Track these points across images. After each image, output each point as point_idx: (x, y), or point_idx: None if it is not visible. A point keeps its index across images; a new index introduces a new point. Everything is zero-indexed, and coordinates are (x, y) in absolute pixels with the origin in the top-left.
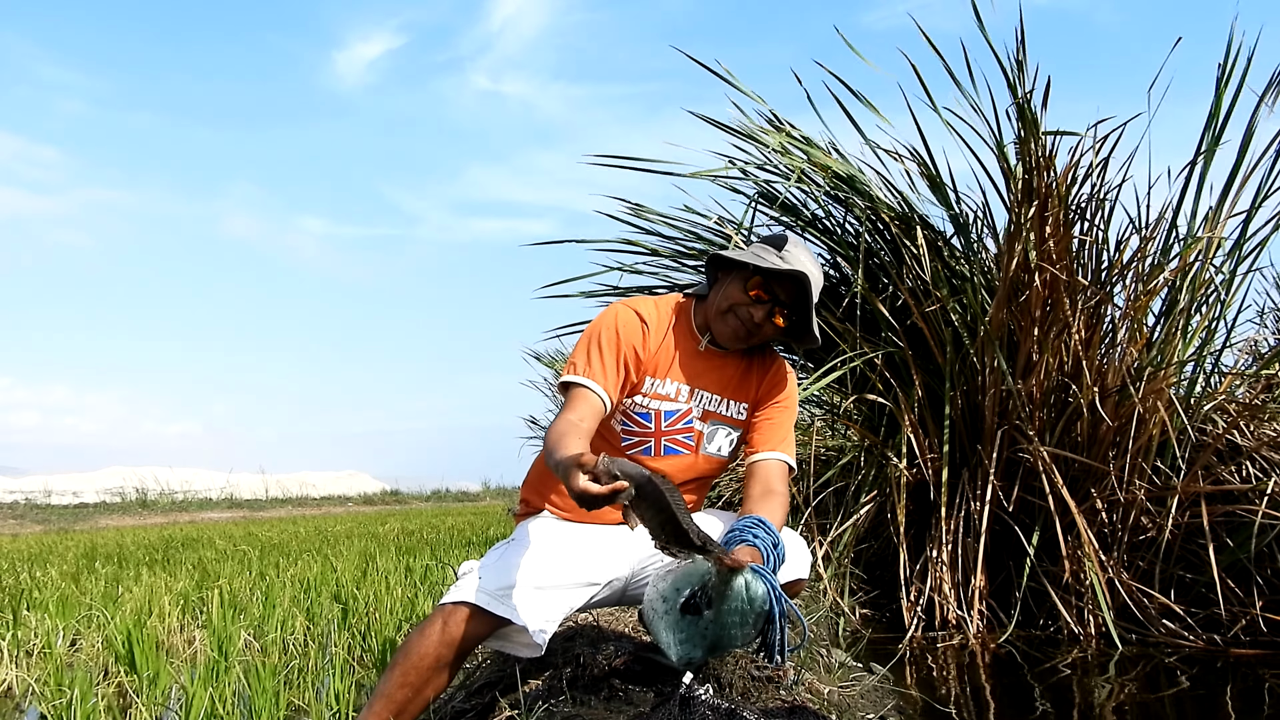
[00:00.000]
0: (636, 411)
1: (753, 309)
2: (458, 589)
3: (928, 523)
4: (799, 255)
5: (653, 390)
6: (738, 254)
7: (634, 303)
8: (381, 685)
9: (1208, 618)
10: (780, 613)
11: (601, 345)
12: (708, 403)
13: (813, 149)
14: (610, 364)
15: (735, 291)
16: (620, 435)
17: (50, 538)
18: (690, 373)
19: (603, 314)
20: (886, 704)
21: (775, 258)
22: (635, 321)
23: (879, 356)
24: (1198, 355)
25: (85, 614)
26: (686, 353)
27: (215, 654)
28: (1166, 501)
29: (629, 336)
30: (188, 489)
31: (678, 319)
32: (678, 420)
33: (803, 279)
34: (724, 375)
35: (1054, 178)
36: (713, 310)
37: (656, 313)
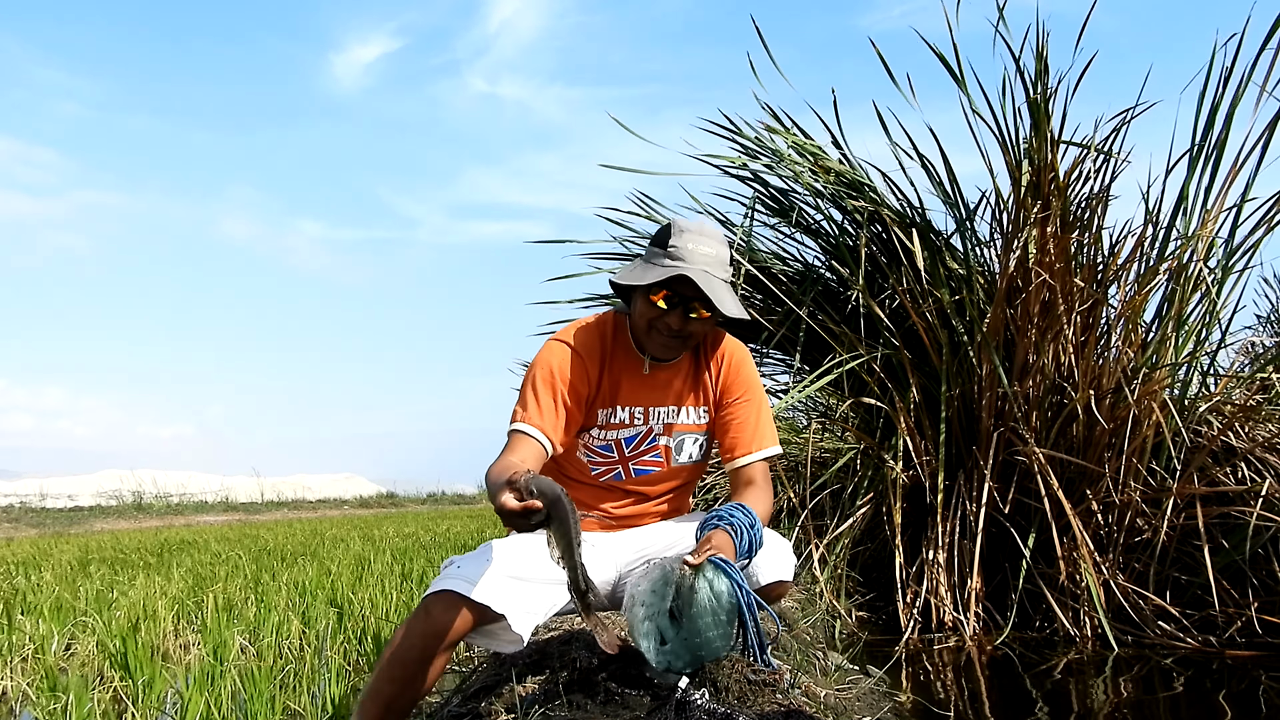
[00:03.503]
0: (597, 445)
1: (667, 319)
2: (440, 580)
3: (924, 525)
4: (685, 246)
5: (607, 421)
6: (626, 277)
7: (568, 335)
8: (370, 683)
9: (1203, 619)
10: (748, 604)
11: (537, 388)
12: (666, 416)
13: (814, 150)
14: (548, 405)
15: (644, 308)
16: (588, 467)
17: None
18: (640, 395)
19: (539, 353)
20: (883, 706)
21: (662, 262)
22: (571, 358)
23: (876, 359)
24: (1192, 357)
25: (80, 618)
26: (632, 376)
27: (210, 658)
28: (1162, 503)
29: (566, 375)
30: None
31: (615, 342)
32: (640, 442)
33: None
34: (675, 385)
35: (1059, 179)
36: (636, 329)
37: (592, 342)
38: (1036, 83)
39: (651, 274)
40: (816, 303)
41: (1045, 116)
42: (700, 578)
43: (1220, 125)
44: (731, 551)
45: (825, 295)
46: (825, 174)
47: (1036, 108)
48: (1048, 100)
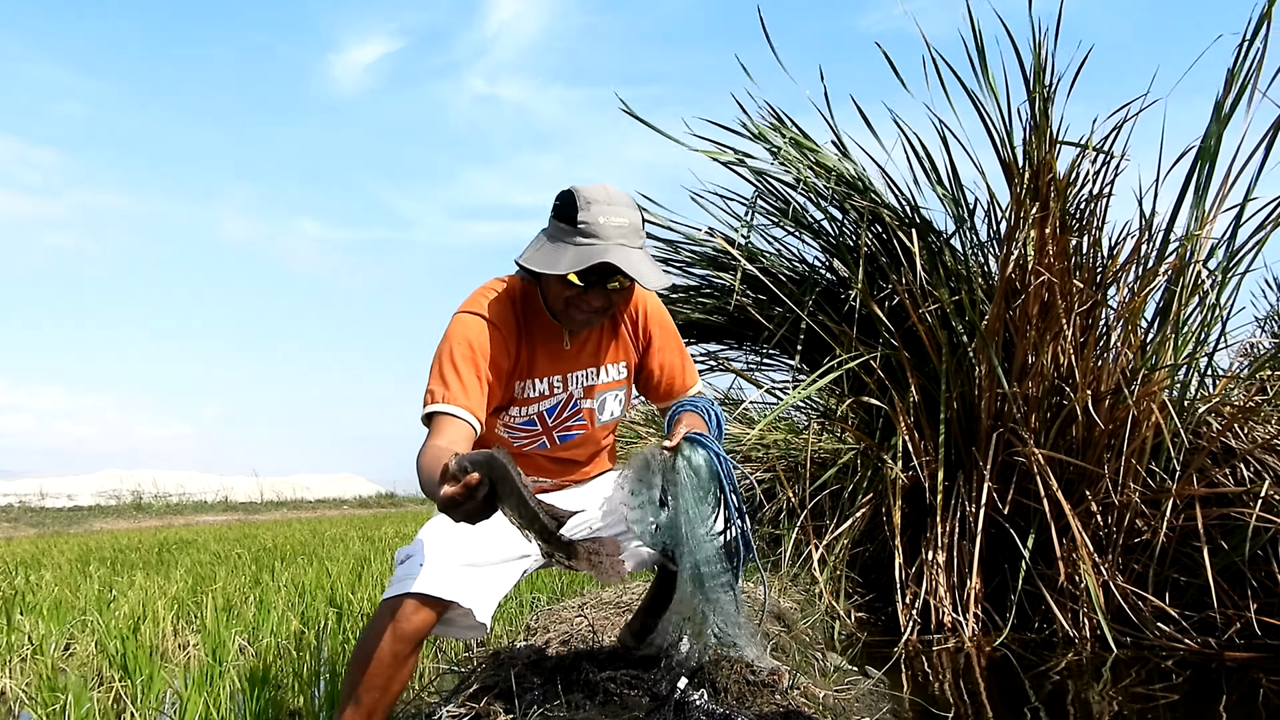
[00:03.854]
0: (519, 422)
1: (587, 297)
2: (399, 581)
3: (923, 526)
4: (596, 219)
5: (525, 396)
6: (537, 263)
7: (481, 308)
8: (347, 694)
9: (1202, 620)
10: (726, 471)
11: (457, 364)
12: (585, 379)
13: (814, 149)
14: (471, 382)
15: (560, 289)
16: (510, 441)
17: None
18: (558, 364)
19: (452, 328)
20: (882, 707)
21: (574, 240)
22: (488, 332)
23: (876, 359)
24: (1191, 358)
25: (79, 618)
26: (549, 348)
27: (210, 658)
28: (1161, 504)
29: (486, 349)
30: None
31: (528, 313)
32: (562, 410)
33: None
34: (592, 347)
35: (1057, 179)
36: (552, 307)
37: (506, 314)
38: (1035, 83)
39: (566, 258)
40: (816, 303)
41: (1045, 116)
42: (679, 457)
43: (1219, 126)
44: (704, 427)
45: (825, 295)
46: (825, 173)
47: (1035, 107)
48: (1047, 100)
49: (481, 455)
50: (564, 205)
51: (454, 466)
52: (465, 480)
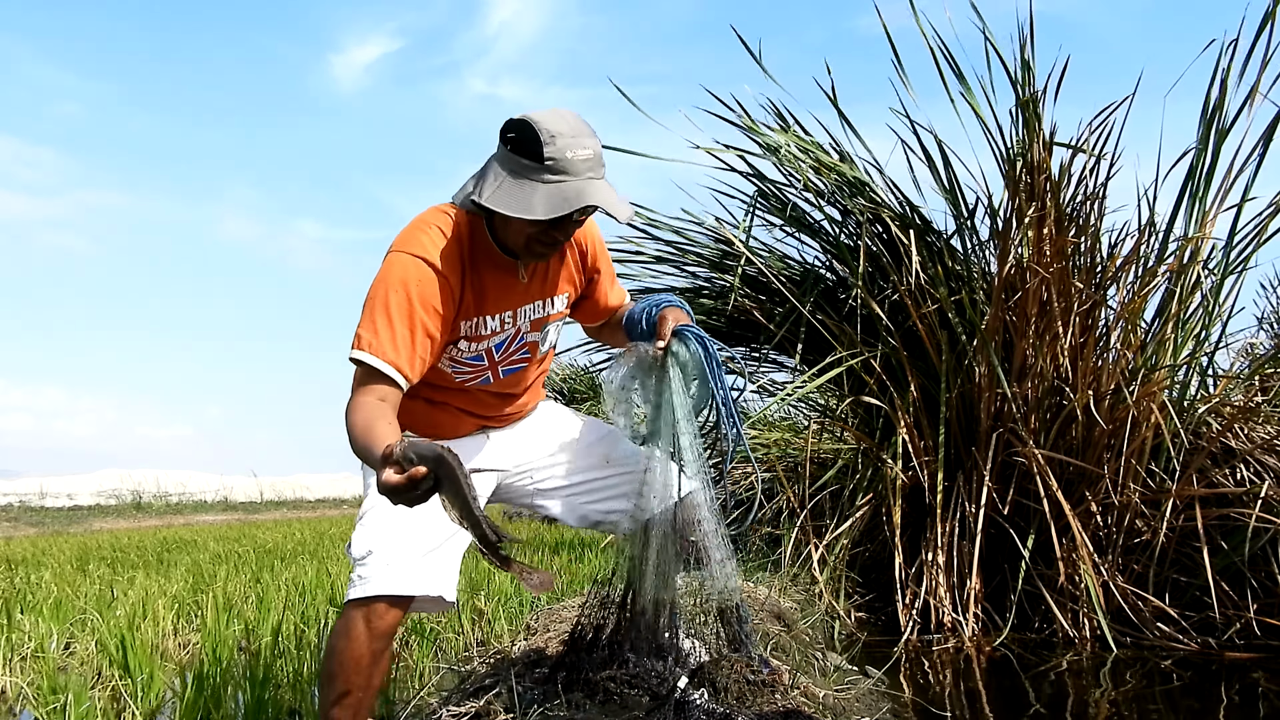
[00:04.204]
0: (466, 357)
1: (553, 233)
2: (366, 581)
3: (923, 526)
4: (564, 155)
5: (474, 333)
6: (496, 201)
7: (424, 250)
8: (329, 696)
9: (1202, 621)
10: (715, 361)
11: (392, 314)
12: (533, 313)
13: (814, 149)
14: (404, 336)
15: (523, 227)
16: (453, 376)
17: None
18: (509, 299)
19: (389, 268)
20: (882, 707)
21: (541, 178)
22: (431, 278)
23: (875, 358)
24: (1191, 358)
25: (79, 617)
26: (502, 283)
27: (210, 657)
28: (1161, 505)
29: (427, 298)
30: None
31: (476, 250)
32: (510, 344)
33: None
34: (541, 279)
35: (1051, 178)
36: (512, 242)
37: (453, 255)
38: (1023, 83)
39: (540, 200)
40: (816, 302)
41: (1035, 116)
42: (668, 355)
43: (1218, 126)
44: (687, 318)
45: (825, 295)
46: (826, 172)
47: (1025, 108)
48: (1035, 100)
49: (430, 451)
50: (524, 139)
51: (399, 453)
52: (411, 473)
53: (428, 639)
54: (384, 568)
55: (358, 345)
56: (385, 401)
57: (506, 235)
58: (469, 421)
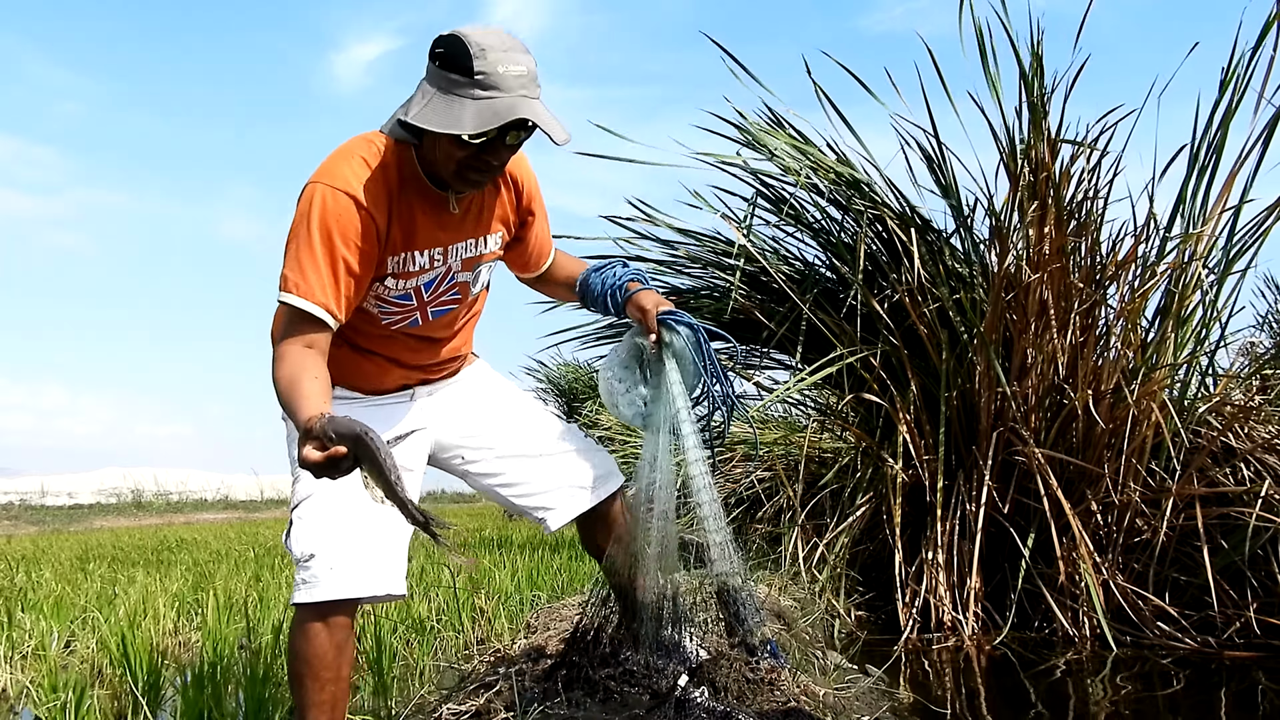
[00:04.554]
0: (394, 296)
1: (485, 156)
2: (316, 585)
3: (923, 524)
4: (496, 69)
5: (402, 269)
6: (425, 118)
7: (347, 183)
8: (302, 697)
9: (1202, 620)
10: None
11: (317, 251)
12: (465, 251)
13: (812, 149)
14: (328, 274)
15: (453, 149)
16: (379, 317)
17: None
18: (439, 235)
19: (308, 202)
20: (882, 706)
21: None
22: (352, 212)
23: (875, 357)
24: (1191, 357)
25: (80, 616)
26: (431, 215)
27: (211, 655)
28: (1161, 504)
29: (348, 234)
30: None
31: (404, 181)
32: (439, 283)
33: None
34: (474, 216)
35: (1054, 177)
36: (439, 168)
37: (378, 189)
38: (1033, 81)
39: (468, 115)
40: (816, 301)
41: (1043, 114)
42: (662, 346)
43: (1218, 125)
44: (662, 299)
45: (825, 294)
46: (824, 172)
47: (1034, 106)
48: (1044, 98)
49: (350, 431)
50: (453, 54)
51: (319, 429)
52: (330, 452)
53: (428, 637)
54: (329, 572)
55: (284, 288)
56: (313, 349)
57: (436, 163)
58: (395, 373)
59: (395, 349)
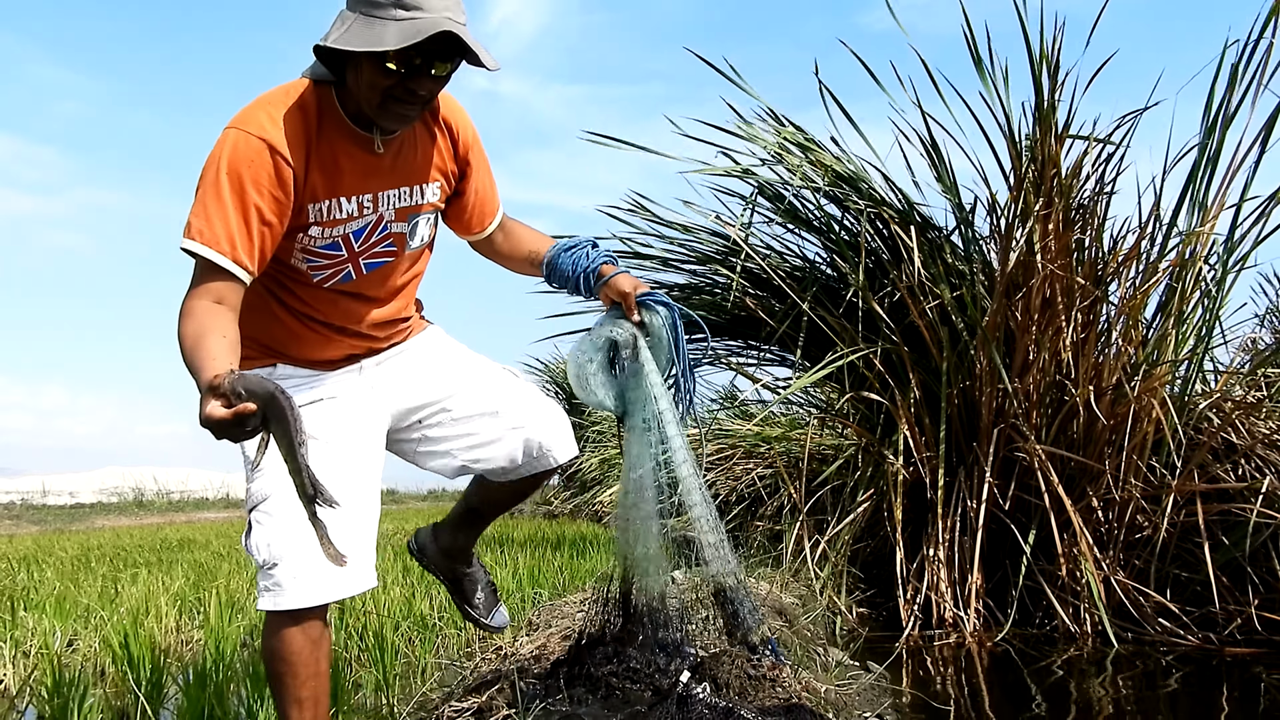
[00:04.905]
0: (320, 245)
1: (410, 84)
2: (275, 594)
3: (924, 521)
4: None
5: (327, 217)
6: (346, 40)
7: (259, 126)
8: (282, 695)
9: (1203, 616)
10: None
11: (225, 198)
12: (398, 199)
13: (812, 148)
14: (238, 223)
15: (375, 77)
16: (309, 273)
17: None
18: (366, 180)
19: (220, 147)
20: (883, 702)
21: (393, 15)
22: (265, 157)
23: (876, 354)
24: (1193, 353)
25: (82, 614)
26: (356, 159)
27: (213, 654)
28: (1162, 500)
29: (260, 182)
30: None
31: (325, 123)
32: (371, 233)
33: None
34: (404, 161)
35: (1060, 174)
36: (363, 103)
37: (295, 132)
38: (1042, 76)
39: (390, 33)
40: (817, 298)
41: (1050, 110)
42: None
43: (1222, 123)
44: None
45: (826, 291)
46: (823, 170)
47: (1042, 100)
48: (1054, 93)
49: (260, 387)
50: None
51: (227, 386)
52: (238, 409)
53: (430, 634)
54: (292, 580)
55: (188, 234)
56: (223, 304)
57: (360, 98)
58: (339, 342)
59: (335, 314)
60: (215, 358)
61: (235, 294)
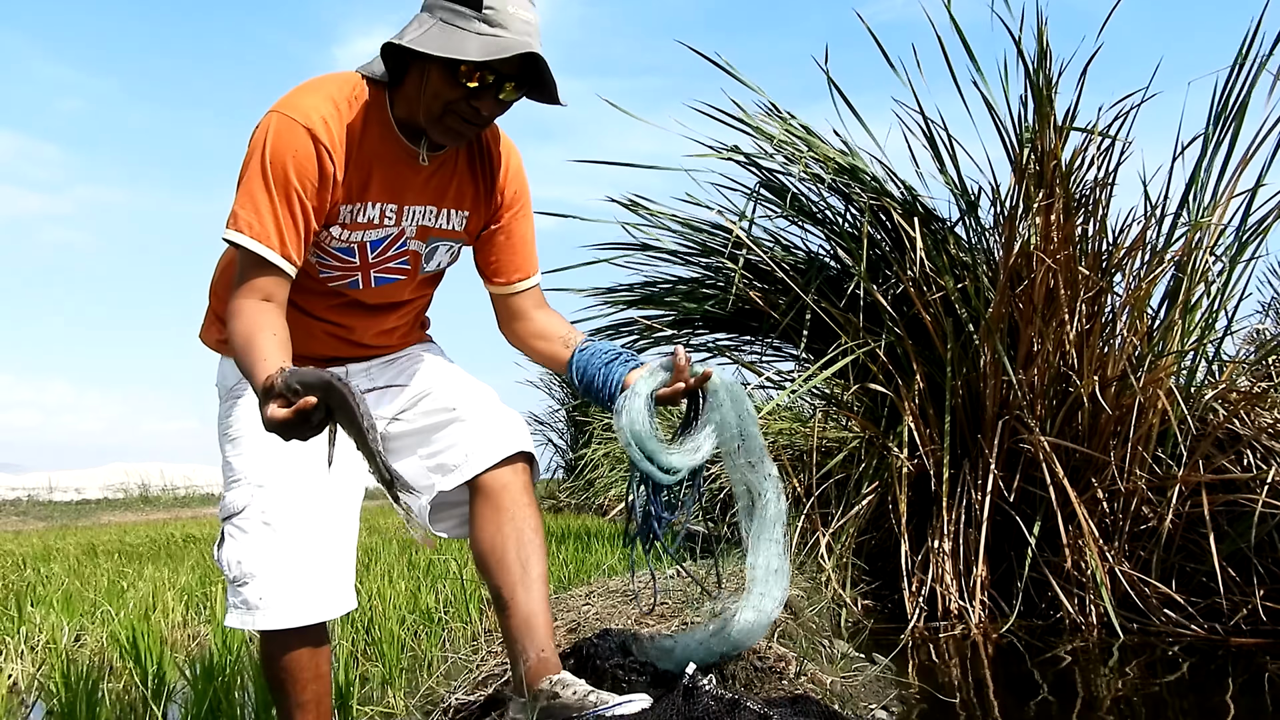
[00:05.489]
0: (336, 247)
1: (476, 102)
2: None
3: (929, 513)
4: (505, 7)
5: (351, 220)
6: (424, 42)
7: (309, 117)
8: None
9: (1208, 607)
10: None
11: (272, 189)
12: (423, 218)
13: (814, 139)
14: (285, 216)
15: (443, 87)
16: (317, 269)
17: (53, 534)
18: (397, 190)
19: (265, 132)
20: (889, 694)
21: (474, 26)
22: (309, 147)
23: (880, 347)
24: (1198, 344)
25: (89, 610)
26: (394, 167)
27: (220, 648)
28: (1167, 491)
29: (304, 173)
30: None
31: (372, 124)
32: (388, 247)
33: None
34: (440, 181)
35: (1061, 165)
36: (421, 111)
37: (339, 123)
38: (1038, 68)
39: (473, 45)
40: (820, 291)
41: (1048, 101)
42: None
43: (1234, 112)
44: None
45: (829, 283)
46: (826, 161)
47: (1039, 93)
48: (1050, 85)
49: (316, 379)
50: None
51: (282, 385)
52: (299, 405)
53: (436, 628)
54: (260, 601)
55: (236, 225)
56: (271, 300)
57: (419, 105)
58: (325, 341)
59: (330, 311)
60: (267, 358)
61: (283, 289)
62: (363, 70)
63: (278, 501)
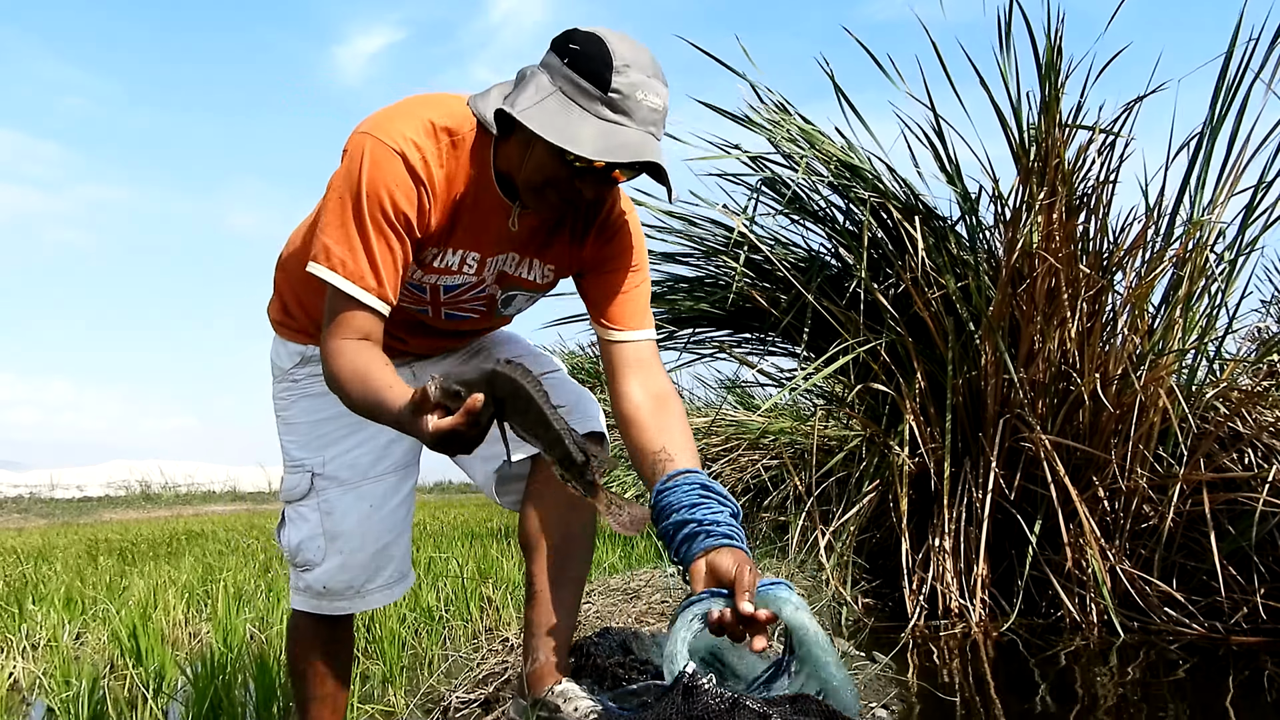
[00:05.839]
0: (409, 284)
1: (579, 184)
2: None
3: (930, 512)
4: (634, 95)
5: (428, 263)
6: (535, 117)
7: (409, 148)
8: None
9: (1209, 605)
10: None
11: (368, 227)
12: (505, 265)
13: (816, 135)
14: (383, 255)
15: (549, 161)
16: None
17: (54, 532)
18: (482, 240)
19: (359, 159)
20: (890, 693)
21: (599, 110)
22: (405, 178)
23: (881, 345)
24: (1199, 343)
25: (91, 607)
26: (486, 217)
27: (221, 646)
28: (1168, 490)
29: (399, 204)
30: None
31: (469, 165)
32: (464, 293)
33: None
34: (529, 235)
35: (1064, 163)
36: (520, 177)
37: (438, 159)
38: (1048, 67)
39: (589, 135)
40: (821, 289)
41: (1055, 100)
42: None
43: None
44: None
45: (830, 282)
46: (827, 160)
47: (1046, 91)
48: (1058, 84)
49: (478, 373)
50: (589, 55)
51: (439, 392)
52: (468, 406)
53: (436, 627)
54: (325, 588)
55: (329, 263)
56: (369, 339)
57: (516, 167)
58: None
59: (392, 325)
60: (392, 385)
61: (379, 328)
62: (474, 106)
63: (335, 491)
